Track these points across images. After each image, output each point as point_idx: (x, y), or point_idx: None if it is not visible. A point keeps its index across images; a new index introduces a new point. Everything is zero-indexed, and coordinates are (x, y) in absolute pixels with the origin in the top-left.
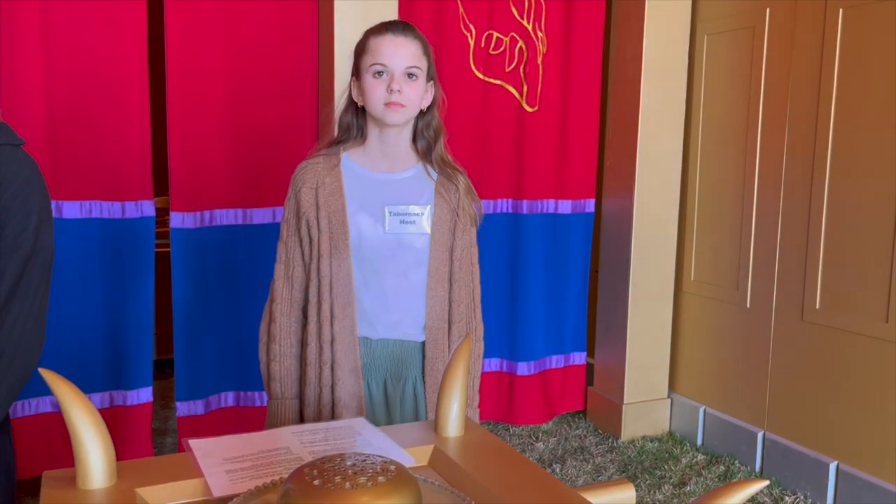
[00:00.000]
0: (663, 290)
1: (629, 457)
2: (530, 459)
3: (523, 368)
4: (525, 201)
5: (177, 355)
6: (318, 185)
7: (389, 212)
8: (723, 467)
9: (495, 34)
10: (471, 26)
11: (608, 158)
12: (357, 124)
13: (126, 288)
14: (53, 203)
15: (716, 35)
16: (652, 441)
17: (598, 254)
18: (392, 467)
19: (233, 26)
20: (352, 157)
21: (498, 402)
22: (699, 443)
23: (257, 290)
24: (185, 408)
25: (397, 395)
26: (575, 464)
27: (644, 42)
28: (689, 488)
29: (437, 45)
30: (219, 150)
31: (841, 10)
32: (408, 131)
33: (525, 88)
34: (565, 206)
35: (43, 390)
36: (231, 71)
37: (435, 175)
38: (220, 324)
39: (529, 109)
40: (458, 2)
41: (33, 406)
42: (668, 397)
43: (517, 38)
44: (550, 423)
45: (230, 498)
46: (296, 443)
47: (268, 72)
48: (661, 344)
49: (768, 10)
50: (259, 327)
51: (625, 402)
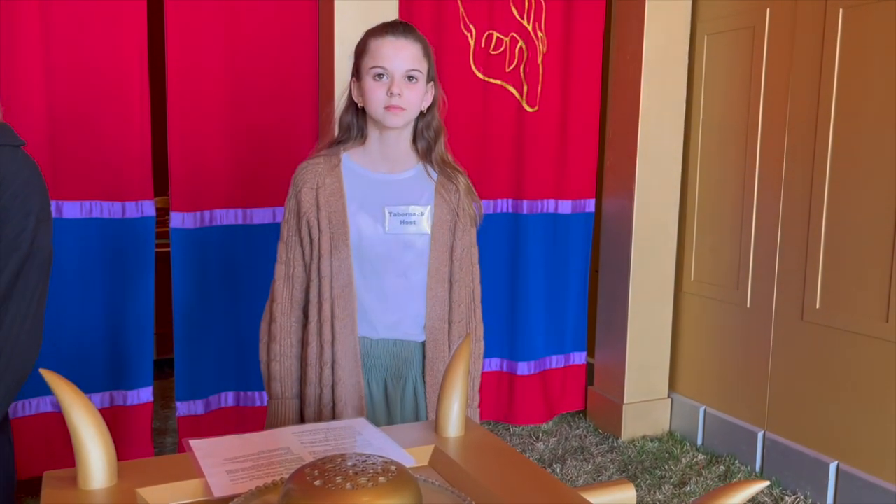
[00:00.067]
0: (663, 290)
1: (629, 457)
2: (531, 459)
3: (523, 368)
4: (525, 201)
5: (177, 355)
6: (319, 185)
7: (389, 212)
8: (723, 467)
9: (495, 34)
10: (471, 26)
11: (608, 158)
12: (357, 124)
13: (126, 288)
14: (53, 203)
15: (716, 35)
16: (652, 441)
17: (598, 254)
18: (393, 467)
19: (233, 26)
20: (352, 158)
21: (498, 402)
22: (699, 443)
23: (257, 290)
24: (185, 408)
25: (397, 395)
26: (575, 464)
27: (644, 42)
28: (689, 488)
29: (438, 45)
30: (219, 150)
31: (841, 10)
32: (408, 132)
33: (525, 88)
34: (565, 206)
35: (43, 390)
36: (231, 71)
37: (435, 175)
38: (220, 324)
39: (529, 109)
40: (459, 2)
41: (33, 406)
42: (669, 397)
43: (517, 38)
44: (550, 422)
45: (231, 498)
46: (296, 443)
47: (268, 72)
48: (662, 344)
49: (768, 10)
50: (259, 327)
51: (625, 401)
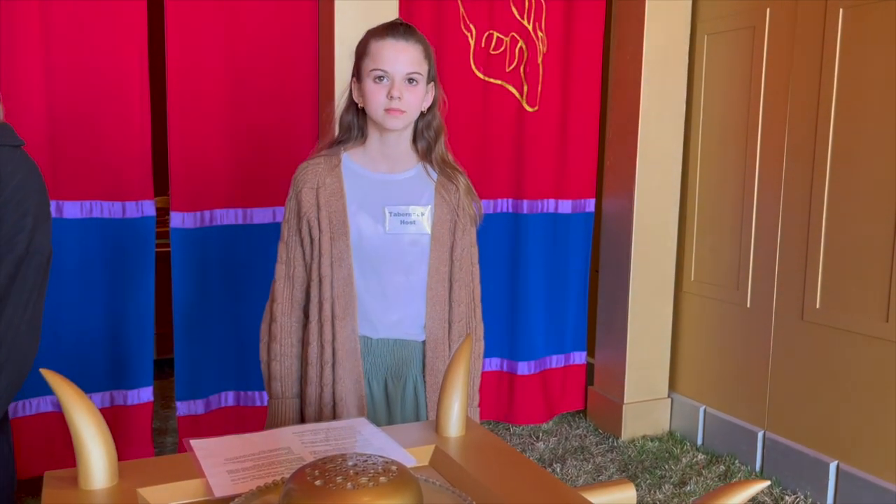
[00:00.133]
0: (663, 290)
1: (629, 456)
2: (531, 459)
3: (523, 368)
4: (525, 201)
5: (177, 355)
6: (319, 185)
7: (390, 212)
8: (723, 467)
9: (496, 34)
10: (471, 26)
11: (608, 158)
12: (358, 124)
13: (126, 288)
14: (54, 203)
15: (716, 35)
16: (652, 441)
17: (598, 253)
18: (393, 467)
19: (233, 26)
20: (352, 158)
21: (498, 401)
22: (699, 442)
23: (257, 289)
24: (186, 407)
25: (398, 394)
26: (575, 463)
27: (644, 42)
28: (689, 488)
29: (438, 45)
30: (219, 150)
31: (841, 10)
32: (408, 132)
33: (525, 88)
34: (565, 206)
35: (43, 390)
36: (231, 71)
37: (435, 175)
38: (220, 323)
39: (530, 109)
40: (459, 2)
41: (34, 406)
42: (669, 397)
43: (517, 38)
44: (551, 422)
45: (231, 498)
46: (297, 443)
47: (268, 72)
48: (662, 344)
49: (768, 9)
50: (260, 327)
51: (625, 401)
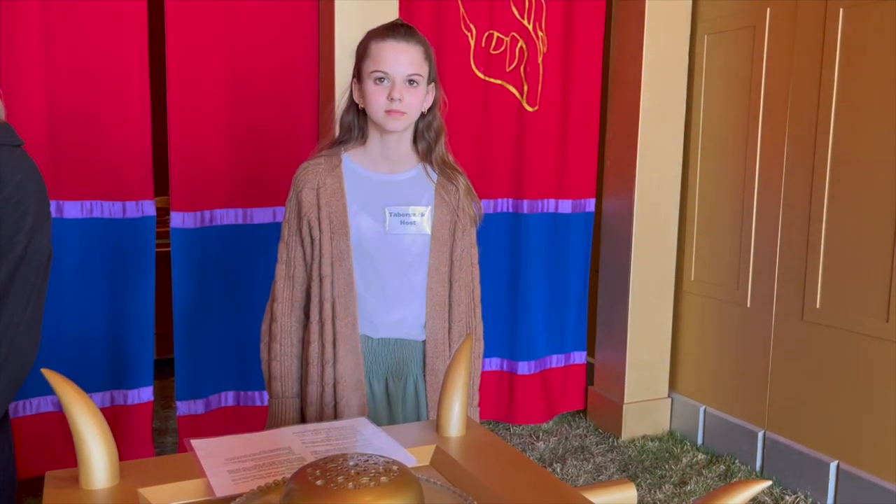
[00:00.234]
0: (663, 290)
1: (630, 456)
2: (532, 459)
3: (524, 368)
4: (525, 201)
5: (177, 355)
6: (320, 185)
7: (390, 212)
8: (723, 467)
9: (496, 34)
10: (471, 26)
11: (608, 158)
12: (358, 125)
13: (127, 288)
14: (54, 203)
15: (716, 35)
16: (652, 440)
17: (598, 253)
18: (394, 467)
19: (233, 26)
20: (353, 158)
21: (498, 401)
22: (699, 442)
23: (257, 289)
24: (186, 407)
25: (399, 393)
26: (575, 463)
27: (644, 42)
28: (689, 488)
29: (438, 45)
30: (219, 150)
31: (841, 10)
32: (409, 133)
33: (525, 88)
34: (566, 206)
35: (44, 390)
36: (231, 71)
37: (435, 176)
38: (220, 323)
39: (530, 109)
40: (459, 2)
41: (34, 406)
42: (669, 397)
43: (518, 37)
44: (551, 422)
45: (232, 498)
46: (298, 443)
47: (268, 72)
48: (662, 343)
49: (769, 9)
50: (260, 327)
51: (625, 401)
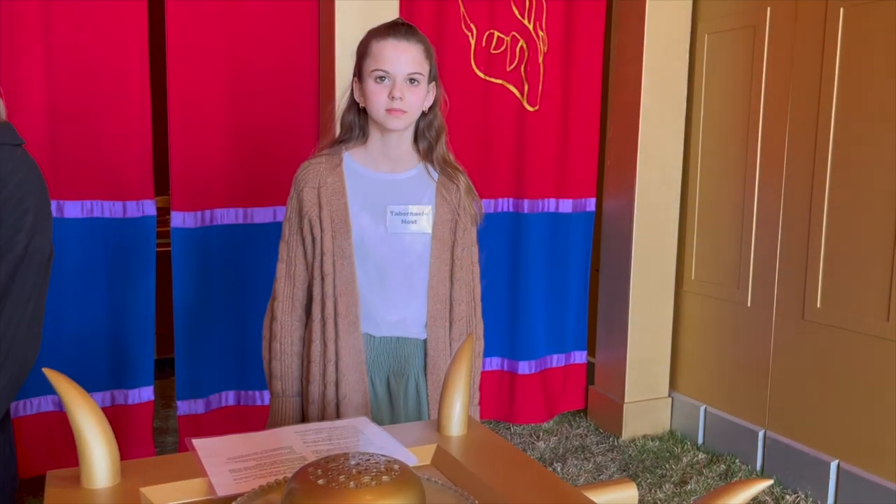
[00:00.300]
0: (664, 289)
1: (630, 456)
2: (533, 459)
3: (524, 367)
4: (526, 200)
5: (177, 354)
6: (321, 184)
7: (391, 212)
8: (724, 466)
9: (496, 34)
10: (472, 26)
11: (609, 157)
12: (359, 124)
13: (127, 287)
14: (54, 203)
15: (716, 34)
16: (653, 440)
17: (598, 253)
18: (396, 466)
19: (233, 26)
20: (354, 157)
21: (499, 401)
22: (700, 442)
23: (258, 289)
24: (186, 407)
25: (400, 392)
26: (576, 463)
27: (645, 41)
28: (689, 487)
29: (438, 45)
30: (219, 150)
31: (842, 9)
32: (409, 132)
33: (526, 88)
34: (566, 206)
35: (45, 389)
36: (231, 71)
37: (436, 175)
38: (220, 323)
39: (530, 109)
40: (459, 1)
41: (35, 405)
42: (669, 396)
43: (518, 37)
44: (551, 422)
45: (234, 497)
46: (299, 442)
47: (268, 72)
48: (662, 343)
49: (769, 9)
50: (262, 326)
51: (625, 400)
